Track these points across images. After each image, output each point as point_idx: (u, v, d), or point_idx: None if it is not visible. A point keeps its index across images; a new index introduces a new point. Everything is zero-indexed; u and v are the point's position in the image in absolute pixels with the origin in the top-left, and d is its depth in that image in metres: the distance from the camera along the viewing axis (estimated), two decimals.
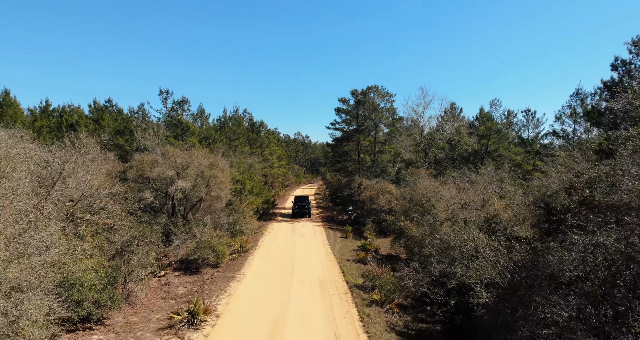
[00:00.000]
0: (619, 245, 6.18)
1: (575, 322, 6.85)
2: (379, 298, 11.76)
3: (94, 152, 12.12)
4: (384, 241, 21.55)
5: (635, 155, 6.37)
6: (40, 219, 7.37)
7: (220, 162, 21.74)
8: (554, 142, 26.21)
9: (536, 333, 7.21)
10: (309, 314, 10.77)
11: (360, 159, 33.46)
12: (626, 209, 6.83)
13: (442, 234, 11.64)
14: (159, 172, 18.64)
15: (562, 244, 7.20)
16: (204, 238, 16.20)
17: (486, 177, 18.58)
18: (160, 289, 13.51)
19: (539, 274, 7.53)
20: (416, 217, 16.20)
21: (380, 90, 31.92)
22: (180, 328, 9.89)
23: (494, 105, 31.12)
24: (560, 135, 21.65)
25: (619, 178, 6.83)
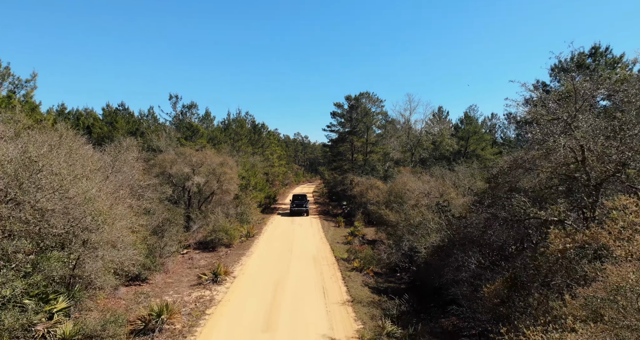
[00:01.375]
0: (506, 214, 9.43)
1: (478, 268, 10.22)
2: (359, 265, 15.09)
3: (135, 152, 15.43)
4: (371, 230, 24.82)
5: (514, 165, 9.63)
6: (117, 199, 10.66)
7: (229, 160, 25.03)
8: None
9: (457, 276, 10.55)
10: (304, 277, 14.08)
11: (354, 158, 36.79)
12: (516, 190, 10.16)
13: (408, 216, 14.95)
14: (178, 169, 21.91)
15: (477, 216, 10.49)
16: (218, 223, 19.52)
17: (460, 173, 21.91)
18: (185, 262, 16.80)
19: (463, 238, 10.85)
20: (394, 206, 19.51)
21: (372, 96, 35.26)
22: (206, 284, 13.19)
23: (471, 110, 34.37)
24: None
25: (513, 172, 10.15)
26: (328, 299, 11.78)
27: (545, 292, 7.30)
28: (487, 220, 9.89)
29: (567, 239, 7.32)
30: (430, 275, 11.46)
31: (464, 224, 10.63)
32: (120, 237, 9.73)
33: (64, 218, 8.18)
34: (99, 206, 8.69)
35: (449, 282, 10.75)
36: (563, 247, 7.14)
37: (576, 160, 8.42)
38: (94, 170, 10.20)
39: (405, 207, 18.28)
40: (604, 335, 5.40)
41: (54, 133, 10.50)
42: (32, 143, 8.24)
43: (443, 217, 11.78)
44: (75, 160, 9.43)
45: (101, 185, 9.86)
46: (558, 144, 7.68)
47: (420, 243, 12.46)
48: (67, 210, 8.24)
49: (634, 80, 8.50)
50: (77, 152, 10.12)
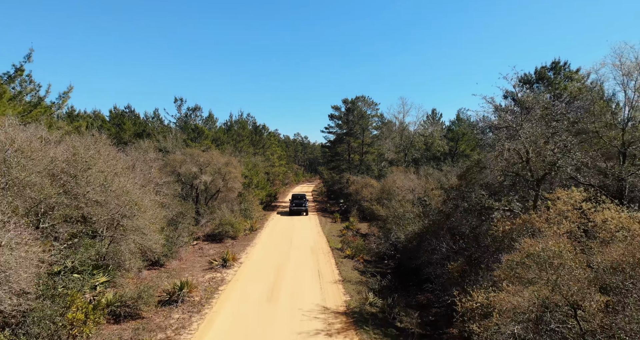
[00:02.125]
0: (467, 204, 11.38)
1: (448, 251, 12.18)
2: (350, 253, 17.04)
3: (153, 153, 17.39)
4: (365, 225, 26.73)
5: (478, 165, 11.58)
6: (144, 193, 12.60)
7: (233, 160, 26.99)
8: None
9: (431, 258, 12.51)
10: (302, 262, 16.04)
11: (351, 158, 38.76)
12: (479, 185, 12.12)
13: (394, 209, 16.91)
14: (186, 169, 23.85)
15: (444, 206, 12.45)
16: (224, 218, 21.47)
17: (447, 172, 23.88)
18: (195, 252, 18.73)
19: (433, 225, 12.81)
20: (385, 202, 21.48)
21: (367, 99, 37.24)
22: (217, 268, 15.14)
23: (461, 112, 36.40)
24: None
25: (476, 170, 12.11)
26: (322, 279, 13.73)
27: (490, 264, 9.25)
28: (451, 210, 11.84)
29: (508, 222, 9.29)
30: (408, 258, 13.43)
31: (434, 213, 12.59)
32: (147, 225, 11.68)
33: (107, 207, 10.13)
34: (133, 198, 10.64)
35: (424, 264, 12.71)
36: (503, 229, 9.10)
37: (522, 160, 10.37)
38: (124, 168, 12.14)
39: (393, 202, 20.26)
40: (520, 288, 7.40)
41: (91, 137, 12.43)
42: (82, 146, 10.17)
43: (421, 209, 13.75)
44: (109, 160, 11.38)
45: (133, 181, 11.80)
46: (503, 148, 9.63)
47: (401, 232, 14.43)
48: (109, 200, 10.19)
49: (564, 98, 10.46)
50: (109, 153, 12.06)
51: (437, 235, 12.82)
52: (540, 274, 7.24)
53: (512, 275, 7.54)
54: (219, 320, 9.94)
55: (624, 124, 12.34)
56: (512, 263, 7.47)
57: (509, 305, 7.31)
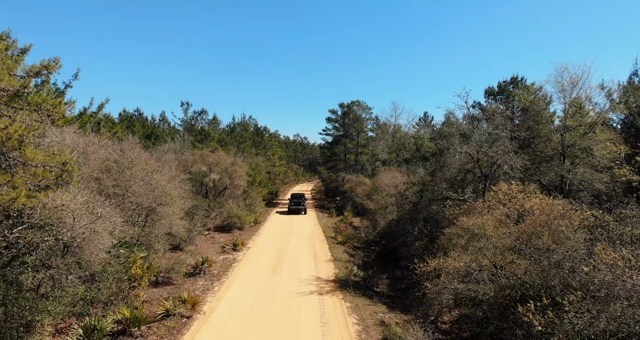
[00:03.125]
0: (437, 195, 14.15)
1: (419, 234, 14.97)
2: (342, 240, 19.84)
3: (172, 154, 20.15)
4: (358, 219, 29.51)
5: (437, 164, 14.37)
6: (172, 187, 15.37)
7: (239, 160, 29.80)
8: None
9: (405, 240, 15.30)
10: (300, 247, 18.82)
11: (347, 159, 41.55)
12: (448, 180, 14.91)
13: (379, 202, 19.70)
14: (197, 168, 26.63)
15: (415, 197, 15.22)
16: (232, 211, 24.26)
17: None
18: (208, 240, 21.50)
19: (411, 214, 15.58)
20: (374, 198, 24.26)
21: (362, 104, 40.05)
22: (228, 251, 17.92)
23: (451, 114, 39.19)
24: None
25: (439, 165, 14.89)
26: (317, 259, 16.52)
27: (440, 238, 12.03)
28: (419, 200, 14.62)
29: (456, 208, 12.07)
30: (388, 241, 16.22)
31: (406, 203, 15.39)
32: (175, 212, 14.46)
33: (147, 196, 12.91)
34: (167, 190, 13.43)
35: (400, 245, 15.51)
36: (451, 212, 11.87)
37: (473, 160, 13.16)
38: (156, 166, 14.93)
39: (379, 196, 23.04)
40: (461, 254, 10.19)
41: (127, 142, 15.21)
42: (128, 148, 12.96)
43: (399, 200, 16.55)
44: (146, 160, 14.16)
45: (163, 177, 14.60)
46: (455, 150, 12.42)
47: (383, 220, 17.22)
48: (148, 192, 12.96)
49: (501, 111, 13.28)
50: (142, 154, 14.85)
51: (411, 221, 15.63)
52: (471, 242, 10.04)
53: (450, 244, 10.33)
54: (235, 285, 12.73)
55: (563, 130, 15.16)
56: (451, 234, 10.27)
57: (452, 268, 10.11)
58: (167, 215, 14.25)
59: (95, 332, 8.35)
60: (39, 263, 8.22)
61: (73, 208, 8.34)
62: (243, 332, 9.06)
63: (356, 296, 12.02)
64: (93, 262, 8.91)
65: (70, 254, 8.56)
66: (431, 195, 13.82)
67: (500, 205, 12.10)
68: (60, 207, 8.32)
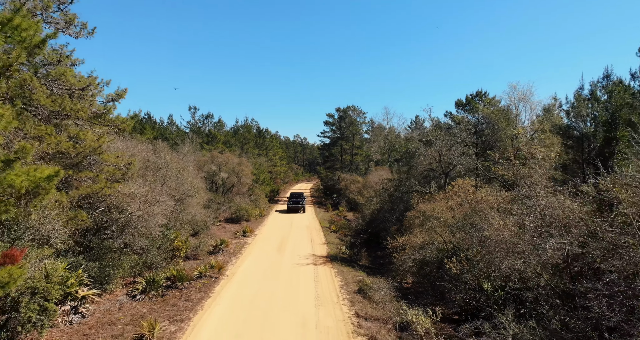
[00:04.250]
0: (409, 189, 17.58)
1: (396, 221, 18.43)
2: (335, 229, 23.30)
3: (191, 155, 23.58)
4: (351, 213, 33.02)
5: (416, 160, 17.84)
6: (196, 182, 18.83)
7: (244, 160, 33.26)
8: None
9: (385, 226, 18.75)
10: (300, 234, 22.27)
11: (343, 159, 45.02)
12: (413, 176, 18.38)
13: (364, 196, 23.16)
14: (208, 168, 30.10)
15: (392, 189, 18.68)
16: (240, 205, 27.72)
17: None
18: (220, 229, 24.95)
19: (391, 205, 19.02)
20: (364, 193, 27.72)
21: (356, 108, 43.53)
22: (239, 237, 21.37)
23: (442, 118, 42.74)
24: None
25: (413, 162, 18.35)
26: (313, 242, 19.99)
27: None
28: (394, 192, 18.07)
29: (420, 198, 15.53)
30: (372, 227, 19.67)
31: (387, 196, 18.84)
32: (199, 203, 17.90)
33: (178, 190, 16.35)
34: (194, 184, 16.87)
35: (381, 230, 18.96)
36: (415, 202, 15.32)
37: (436, 161, 16.60)
38: (183, 165, 18.39)
39: (367, 192, 26.50)
40: (420, 232, 13.65)
41: (158, 146, 18.65)
42: (163, 151, 16.40)
43: (380, 194, 20.02)
44: (178, 159, 17.62)
45: (191, 174, 18.08)
46: (421, 153, 15.87)
47: (368, 210, 20.68)
48: (179, 186, 16.41)
49: (466, 122, 16.74)
50: (175, 156, 18.31)
51: (390, 211, 19.09)
52: (425, 222, 13.50)
53: (411, 223, 13.79)
54: (248, 259, 16.20)
55: (514, 136, 18.61)
56: (412, 217, 13.73)
57: (413, 242, 13.55)
58: (191, 205, 17.73)
59: (153, 282, 11.78)
60: (117, 233, 11.68)
61: (138, 195, 11.83)
62: (259, 287, 12.51)
63: (342, 266, 15.48)
64: (151, 234, 12.39)
65: (136, 228, 12.03)
66: (404, 189, 17.27)
67: (454, 196, 15.57)
68: (130, 194, 11.81)
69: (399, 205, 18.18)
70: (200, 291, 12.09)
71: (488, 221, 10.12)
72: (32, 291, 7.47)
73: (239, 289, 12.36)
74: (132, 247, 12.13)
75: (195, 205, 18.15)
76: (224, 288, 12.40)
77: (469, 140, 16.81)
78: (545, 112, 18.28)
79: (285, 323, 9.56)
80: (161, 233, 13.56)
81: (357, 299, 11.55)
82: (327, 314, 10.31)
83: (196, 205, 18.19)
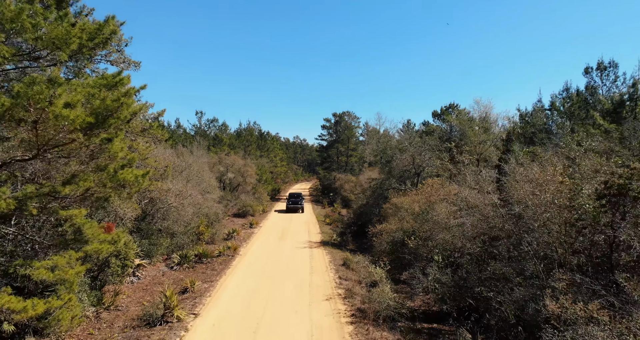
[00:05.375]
0: (389, 186, 21.15)
1: (378, 213, 22.07)
2: (329, 222, 26.95)
3: (205, 158, 27.20)
4: (345, 210, 36.64)
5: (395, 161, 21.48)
6: (212, 180, 22.44)
7: (249, 162, 36.90)
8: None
9: (370, 218, 22.37)
10: (298, 227, 25.92)
11: (339, 160, 48.67)
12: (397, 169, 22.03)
13: (356, 193, 26.81)
14: (217, 168, 33.72)
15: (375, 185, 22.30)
16: (246, 202, 31.35)
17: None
18: (229, 222, 28.52)
19: (374, 200, 22.62)
20: (355, 191, 31.34)
21: (351, 114, 47.26)
22: (247, 228, 25.00)
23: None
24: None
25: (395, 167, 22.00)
26: (310, 232, 23.63)
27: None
28: (377, 189, 21.68)
29: (399, 193, 19.15)
30: (360, 219, 23.30)
31: (372, 192, 22.47)
32: (214, 198, 21.49)
33: (199, 186, 19.94)
34: (210, 182, 20.48)
35: (367, 222, 22.55)
36: (392, 196, 18.94)
37: (410, 164, 20.20)
38: (201, 166, 22.00)
39: (358, 190, 30.12)
40: (394, 221, 17.31)
41: (179, 150, 22.23)
42: (184, 154, 20.00)
43: (367, 190, 23.64)
44: (199, 162, 21.22)
45: (208, 174, 21.70)
46: (397, 157, 19.48)
47: (357, 205, 24.31)
48: (199, 184, 20.01)
49: (435, 130, 20.37)
50: (198, 158, 21.92)
51: (374, 205, 22.71)
52: (396, 212, 17.12)
53: (386, 213, 17.40)
54: (256, 244, 19.82)
55: (477, 143, 22.24)
56: (386, 208, 17.34)
57: (388, 228, 17.15)
58: (208, 200, 21.36)
59: (185, 257, 15.39)
60: (159, 219, 15.30)
61: (174, 190, 15.47)
62: (266, 262, 16.13)
63: (333, 249, 19.11)
64: (183, 221, 16.03)
65: (172, 216, 15.64)
66: (385, 186, 20.84)
67: (424, 192, 19.17)
68: (168, 190, 15.46)
69: (381, 200, 21.77)
70: (221, 264, 15.71)
71: (434, 209, 13.76)
72: (116, 254, 11.09)
73: (250, 263, 15.99)
74: (168, 231, 15.74)
75: (210, 200, 21.75)
76: (239, 262, 16.02)
77: (438, 146, 20.42)
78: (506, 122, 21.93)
79: (287, 284, 13.19)
80: (189, 221, 17.18)
81: (341, 269, 15.19)
82: (318, 278, 13.94)
83: (211, 200, 21.80)
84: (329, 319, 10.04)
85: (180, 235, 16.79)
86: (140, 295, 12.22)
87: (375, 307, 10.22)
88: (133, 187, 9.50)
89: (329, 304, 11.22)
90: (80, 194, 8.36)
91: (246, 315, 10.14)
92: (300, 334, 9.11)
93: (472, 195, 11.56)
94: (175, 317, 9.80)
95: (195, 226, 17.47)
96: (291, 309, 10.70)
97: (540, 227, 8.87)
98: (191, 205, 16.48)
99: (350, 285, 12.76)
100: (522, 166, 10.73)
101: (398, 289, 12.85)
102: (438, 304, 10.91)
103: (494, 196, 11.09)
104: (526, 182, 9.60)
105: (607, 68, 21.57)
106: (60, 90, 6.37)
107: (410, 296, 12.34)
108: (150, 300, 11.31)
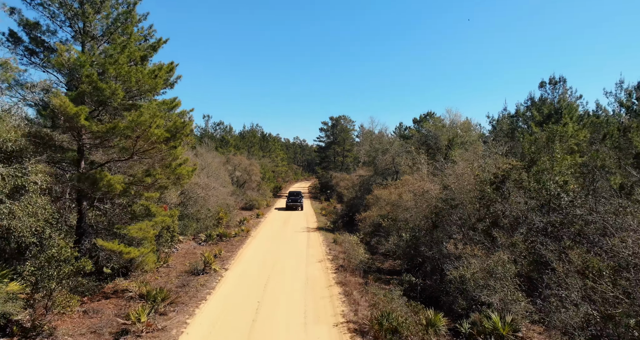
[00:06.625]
0: (374, 181, 25.45)
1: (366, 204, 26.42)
2: (325, 213, 31.28)
3: (219, 159, 31.50)
4: (340, 205, 40.93)
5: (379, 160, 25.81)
6: (225, 176, 26.72)
7: (254, 162, 41.25)
8: None
9: (358, 209, 26.68)
10: (298, 217, 30.23)
11: (336, 160, 52.95)
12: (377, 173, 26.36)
13: (346, 188, 31.14)
14: (225, 167, 37.99)
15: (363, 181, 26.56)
16: (252, 197, 35.65)
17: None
18: (238, 214, 32.80)
19: (362, 193, 26.90)
20: (350, 188, 35.63)
21: (347, 117, 51.51)
22: (254, 218, 29.32)
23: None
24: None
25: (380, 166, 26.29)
26: (308, 221, 27.95)
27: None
28: (364, 184, 25.96)
29: (380, 187, 23.47)
30: (350, 210, 27.62)
31: (360, 186, 26.77)
32: (227, 192, 25.76)
33: (217, 182, 24.21)
34: (225, 178, 24.76)
35: (355, 212, 26.85)
36: (376, 189, 23.24)
37: (390, 162, 24.44)
38: (218, 164, 26.28)
39: (350, 185, 34.39)
40: (375, 209, 21.68)
41: (199, 151, 26.49)
42: (203, 155, 24.27)
43: (357, 185, 27.95)
44: (216, 162, 25.50)
45: (223, 172, 26.00)
46: (379, 158, 23.75)
47: (347, 197, 28.62)
48: (217, 179, 24.29)
49: (414, 135, 24.67)
50: (215, 158, 26.19)
51: (360, 198, 26.99)
52: (376, 202, 21.45)
53: (368, 203, 21.69)
54: (264, 229, 24.14)
55: (444, 145, 26.50)
56: (369, 198, 21.62)
57: (371, 215, 21.49)
58: (223, 193, 25.67)
59: (210, 236, 19.66)
60: (190, 205, 19.61)
61: (201, 184, 19.80)
62: (273, 240, 20.43)
63: (326, 233, 23.41)
64: (208, 210, 20.35)
65: (200, 203, 19.94)
66: (371, 182, 25.10)
67: (402, 186, 23.44)
68: (196, 183, 19.77)
69: (366, 193, 26.04)
70: (238, 242, 20.02)
71: (402, 198, 18.05)
72: (167, 227, 15.38)
73: (261, 241, 20.31)
74: (195, 216, 20.04)
75: (224, 193, 26.04)
76: (252, 241, 20.34)
77: (415, 148, 24.77)
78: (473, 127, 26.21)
79: (289, 254, 17.48)
80: (211, 209, 21.49)
81: (331, 245, 19.51)
82: (313, 250, 18.25)
83: (225, 193, 26.09)
84: (320, 272, 14.36)
85: (205, 219, 21.07)
86: (180, 260, 16.51)
87: (352, 263, 14.51)
88: (185, 179, 13.86)
89: (320, 264, 15.54)
90: (152, 183, 12.66)
91: (261, 272, 14.46)
92: (299, 279, 13.41)
93: (425, 185, 15.85)
94: (212, 269, 14.12)
95: (216, 212, 21.77)
96: (292, 267, 15.02)
97: (461, 205, 13.16)
98: (214, 196, 20.77)
99: (336, 254, 17.08)
100: (455, 163, 15.03)
101: (375, 258, 17.15)
102: (400, 264, 15.21)
103: (436, 186, 15.39)
104: (452, 175, 13.90)
105: (557, 82, 25.90)
106: (157, 119, 10.68)
107: (382, 262, 16.64)
108: (191, 262, 15.61)
